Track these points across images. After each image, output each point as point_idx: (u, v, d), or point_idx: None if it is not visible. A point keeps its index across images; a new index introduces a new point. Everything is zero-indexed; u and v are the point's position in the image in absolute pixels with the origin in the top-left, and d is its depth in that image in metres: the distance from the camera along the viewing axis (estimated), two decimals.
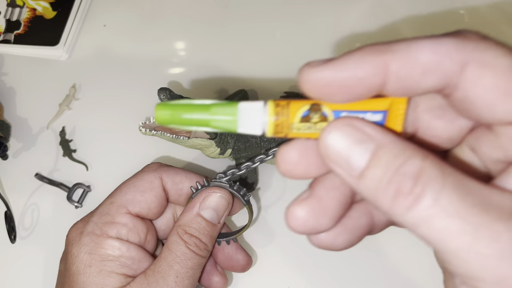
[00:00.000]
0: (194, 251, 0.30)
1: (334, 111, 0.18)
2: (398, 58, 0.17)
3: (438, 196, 0.15)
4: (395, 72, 0.17)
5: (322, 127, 0.18)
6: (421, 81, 0.17)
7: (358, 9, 0.53)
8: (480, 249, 0.14)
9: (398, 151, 0.16)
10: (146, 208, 0.32)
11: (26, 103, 0.50)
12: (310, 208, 0.20)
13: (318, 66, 0.18)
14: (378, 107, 0.18)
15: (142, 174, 0.33)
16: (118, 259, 0.29)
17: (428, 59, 0.16)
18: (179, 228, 0.30)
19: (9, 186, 0.45)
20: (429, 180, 0.15)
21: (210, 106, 0.19)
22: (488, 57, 0.16)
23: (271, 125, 0.19)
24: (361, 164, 0.17)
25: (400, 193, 0.16)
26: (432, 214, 0.15)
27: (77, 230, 0.31)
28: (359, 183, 0.17)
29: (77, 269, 0.29)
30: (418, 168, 0.16)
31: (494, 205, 0.15)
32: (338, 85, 0.17)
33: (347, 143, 0.17)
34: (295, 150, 0.20)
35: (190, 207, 0.31)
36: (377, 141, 0.17)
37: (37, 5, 0.55)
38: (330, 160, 0.18)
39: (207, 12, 0.54)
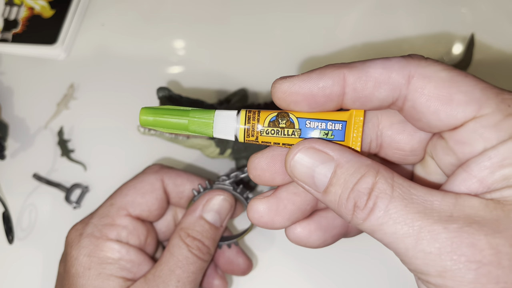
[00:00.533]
0: (196, 255, 0.29)
1: (299, 118, 0.21)
2: (354, 72, 0.20)
3: (387, 207, 0.18)
4: (351, 83, 0.20)
5: (290, 132, 0.21)
6: (375, 92, 0.20)
7: (359, 8, 0.53)
8: (423, 248, 0.17)
9: (354, 170, 0.19)
10: (146, 210, 0.31)
11: (23, 102, 0.49)
12: (269, 205, 0.23)
13: (287, 79, 0.21)
14: (339, 118, 0.21)
15: (143, 176, 0.32)
16: (118, 262, 0.29)
17: (379, 73, 0.20)
18: (181, 231, 0.30)
19: (7, 186, 0.45)
20: (380, 194, 0.18)
21: (189, 111, 0.21)
22: (429, 71, 0.19)
23: (242, 131, 0.21)
24: (324, 182, 0.20)
25: (357, 207, 0.19)
26: (383, 223, 0.18)
27: (77, 231, 0.31)
28: (324, 198, 0.20)
29: (76, 271, 0.29)
30: (371, 185, 0.19)
31: (434, 210, 0.18)
32: (303, 94, 0.20)
33: (310, 164, 0.20)
34: (264, 159, 0.23)
35: (193, 209, 0.31)
36: (336, 161, 0.20)
37: (35, 3, 0.55)
38: (297, 180, 0.21)
39: (206, 11, 0.54)
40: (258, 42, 0.51)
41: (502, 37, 0.49)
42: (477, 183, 0.18)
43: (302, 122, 0.21)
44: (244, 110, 0.22)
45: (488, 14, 0.51)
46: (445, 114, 0.19)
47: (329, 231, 0.25)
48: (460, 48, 0.49)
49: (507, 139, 0.18)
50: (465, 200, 0.18)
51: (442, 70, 0.19)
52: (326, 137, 0.21)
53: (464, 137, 0.19)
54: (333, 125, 0.21)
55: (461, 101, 0.19)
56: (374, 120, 0.23)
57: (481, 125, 0.18)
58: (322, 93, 0.20)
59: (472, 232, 0.17)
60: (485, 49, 0.48)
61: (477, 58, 0.47)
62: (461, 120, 0.19)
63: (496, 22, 0.50)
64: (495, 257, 0.16)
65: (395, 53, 0.49)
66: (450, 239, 0.17)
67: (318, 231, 0.25)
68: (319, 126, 0.21)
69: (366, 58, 0.53)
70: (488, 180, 0.18)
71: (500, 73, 0.47)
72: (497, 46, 0.49)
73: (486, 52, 0.48)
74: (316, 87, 0.20)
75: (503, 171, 0.18)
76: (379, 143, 0.23)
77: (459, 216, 0.17)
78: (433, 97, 0.19)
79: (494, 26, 0.50)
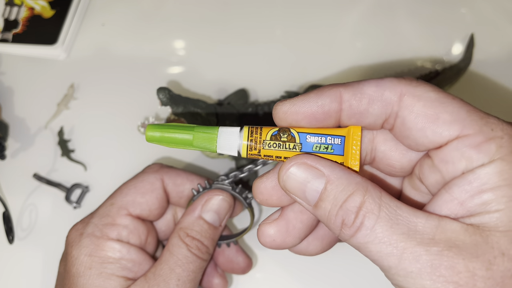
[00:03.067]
0: (196, 254, 0.29)
1: (300, 133, 0.22)
2: (349, 90, 0.21)
3: (373, 227, 0.19)
4: (347, 100, 0.21)
5: (291, 146, 0.22)
6: (369, 108, 0.21)
7: (359, 9, 0.53)
8: (405, 267, 0.18)
9: (343, 187, 0.20)
10: (147, 210, 0.31)
11: (24, 102, 0.49)
12: (279, 228, 0.24)
13: (287, 100, 0.22)
14: (338, 133, 0.22)
15: (143, 176, 0.32)
16: (119, 262, 0.29)
17: (373, 90, 0.21)
18: (180, 231, 0.30)
19: (7, 186, 0.45)
20: (367, 213, 0.19)
21: (194, 128, 0.22)
22: (419, 91, 0.20)
23: (245, 146, 0.22)
24: (315, 196, 0.21)
25: (344, 224, 0.20)
26: (369, 241, 0.19)
27: (77, 231, 0.31)
28: (315, 212, 0.21)
29: (77, 271, 0.29)
30: (359, 204, 0.20)
31: (418, 232, 0.19)
32: (303, 112, 0.22)
33: (303, 179, 0.21)
34: (269, 182, 0.24)
35: (192, 209, 0.31)
36: (327, 177, 0.21)
37: (35, 4, 0.55)
38: (290, 193, 0.22)
39: (206, 11, 0.54)
40: (258, 42, 0.51)
41: (501, 37, 0.49)
42: (458, 205, 0.19)
43: (303, 137, 0.22)
44: (247, 127, 0.23)
45: (487, 14, 0.51)
46: (431, 131, 0.20)
47: (326, 239, 0.27)
48: (460, 48, 0.49)
49: (487, 162, 0.19)
50: (447, 223, 0.19)
51: (431, 91, 0.20)
52: (326, 151, 0.22)
53: (447, 155, 0.20)
54: (333, 139, 0.22)
55: (446, 120, 0.20)
56: (369, 136, 0.24)
57: (463, 144, 0.19)
58: (321, 110, 0.22)
59: (451, 256, 0.18)
60: (484, 49, 0.48)
61: (477, 58, 0.48)
62: (446, 139, 0.20)
63: (496, 22, 0.50)
64: (471, 279, 0.18)
65: (395, 53, 0.49)
66: (430, 261, 0.18)
67: (316, 241, 0.26)
68: (319, 140, 0.22)
69: (366, 58, 0.53)
70: (468, 204, 0.19)
71: (500, 73, 0.47)
72: (497, 46, 0.49)
73: (486, 52, 0.48)
74: (315, 105, 0.22)
75: (482, 197, 0.19)
76: (373, 156, 0.24)
77: (440, 239, 0.18)
78: (421, 115, 0.20)
79: (494, 26, 0.50)
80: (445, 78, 0.44)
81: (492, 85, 0.47)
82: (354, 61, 0.49)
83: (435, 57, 0.49)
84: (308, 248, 0.26)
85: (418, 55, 0.49)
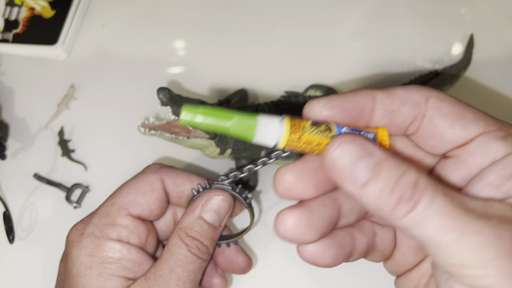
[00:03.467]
0: (196, 254, 0.30)
1: (337, 125, 0.23)
2: (382, 92, 0.23)
3: (432, 201, 0.19)
4: (380, 100, 0.23)
5: (329, 136, 0.22)
6: (400, 108, 0.23)
7: (358, 9, 0.53)
8: (467, 241, 0.18)
9: (395, 165, 0.20)
10: (147, 210, 0.31)
11: (24, 102, 0.50)
12: (301, 216, 0.23)
13: (324, 97, 0.23)
14: (370, 130, 0.23)
15: (143, 176, 0.32)
16: (119, 262, 0.29)
17: (403, 93, 0.23)
18: (180, 231, 0.30)
19: (8, 186, 0.45)
20: (424, 188, 0.19)
21: (233, 114, 0.21)
22: (442, 95, 0.23)
23: (286, 137, 0.22)
24: (364, 176, 0.20)
25: (401, 200, 0.19)
26: (428, 216, 0.19)
27: (77, 231, 0.31)
28: (361, 193, 0.20)
29: (77, 271, 0.29)
30: (415, 179, 0.20)
31: (471, 208, 0.19)
32: (339, 107, 0.23)
33: (351, 157, 0.20)
34: (291, 173, 0.23)
35: (192, 209, 0.31)
36: (378, 156, 0.20)
37: (36, 4, 0.55)
38: (335, 173, 0.21)
39: (206, 11, 0.54)
40: (258, 42, 0.51)
41: (501, 37, 0.49)
42: (495, 189, 0.20)
43: (339, 129, 0.22)
44: (288, 116, 0.22)
45: (487, 14, 0.51)
46: (460, 127, 0.22)
47: (341, 249, 0.25)
48: (460, 48, 0.49)
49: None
50: (493, 203, 0.20)
51: (450, 96, 0.23)
52: None
53: (475, 149, 0.22)
54: (366, 134, 0.23)
55: (471, 118, 0.22)
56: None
57: (489, 138, 0.21)
58: (356, 107, 0.23)
59: (510, 228, 0.19)
60: (484, 49, 0.48)
61: (477, 58, 0.48)
62: (473, 134, 0.22)
63: (496, 22, 0.50)
64: None
65: (395, 53, 0.49)
66: (492, 232, 0.18)
67: (333, 247, 0.25)
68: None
69: (366, 58, 0.53)
70: (505, 187, 0.20)
71: (500, 73, 0.47)
72: (497, 46, 0.49)
73: (486, 52, 0.48)
74: (351, 102, 0.23)
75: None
76: None
77: (493, 215, 0.19)
78: (449, 113, 0.22)
79: (494, 26, 0.50)
80: (444, 78, 0.44)
81: (491, 85, 0.47)
82: (354, 61, 0.49)
83: (434, 57, 0.49)
84: (324, 254, 0.25)
85: (417, 54, 0.49)
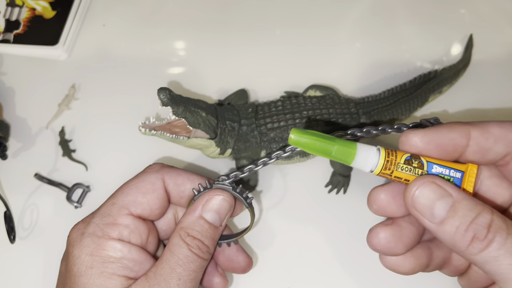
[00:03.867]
0: (196, 254, 0.30)
1: (428, 162, 0.25)
2: (477, 128, 0.25)
3: (505, 241, 0.21)
4: (475, 137, 0.24)
5: (419, 172, 0.25)
6: (494, 146, 0.25)
7: (358, 9, 0.53)
8: None
9: (471, 206, 0.23)
10: (148, 209, 0.31)
11: (25, 103, 0.50)
12: (391, 232, 0.27)
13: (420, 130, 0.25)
14: (459, 168, 0.25)
15: (144, 175, 0.33)
16: (120, 261, 0.29)
17: (498, 131, 0.25)
18: (181, 231, 0.30)
19: (9, 186, 0.45)
20: (497, 229, 0.22)
21: (335, 140, 0.25)
22: None
23: (381, 165, 0.25)
24: (441, 214, 0.23)
25: (475, 239, 0.22)
26: (500, 254, 0.21)
27: (78, 231, 0.31)
28: (438, 229, 0.23)
29: (78, 270, 0.29)
30: (489, 220, 0.22)
31: None
32: (435, 143, 0.25)
33: (431, 197, 0.24)
34: (385, 194, 0.27)
35: (193, 209, 0.31)
36: (455, 197, 0.23)
37: (37, 4, 0.55)
38: (416, 210, 0.24)
39: (206, 12, 0.54)
40: (258, 43, 0.51)
41: (500, 38, 0.49)
42: None
43: (430, 166, 0.25)
44: (384, 148, 0.25)
45: (486, 15, 0.51)
46: None
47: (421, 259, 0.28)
48: (459, 48, 0.49)
49: None
50: None
51: None
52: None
53: None
54: (455, 173, 0.25)
55: None
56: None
57: None
58: (451, 143, 0.25)
59: None
60: (483, 49, 0.48)
61: (476, 59, 0.48)
62: None
63: (495, 23, 0.50)
64: None
65: (394, 53, 0.50)
66: None
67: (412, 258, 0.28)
68: (443, 172, 0.25)
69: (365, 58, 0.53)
70: None
71: (498, 73, 0.47)
72: (496, 47, 0.49)
73: (485, 52, 0.48)
74: (446, 138, 0.25)
75: None
76: (478, 188, 0.27)
77: None
78: None
79: (493, 27, 0.50)
80: (444, 78, 0.44)
81: (490, 86, 0.47)
82: (353, 61, 0.49)
83: (434, 57, 0.49)
84: (403, 264, 0.28)
85: (417, 55, 0.49)
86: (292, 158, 0.42)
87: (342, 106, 0.42)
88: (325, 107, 0.41)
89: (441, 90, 0.45)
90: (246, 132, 0.41)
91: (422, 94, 0.43)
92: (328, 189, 0.42)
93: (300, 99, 0.42)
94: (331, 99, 0.42)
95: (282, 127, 0.40)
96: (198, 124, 0.38)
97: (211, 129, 0.39)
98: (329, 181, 0.43)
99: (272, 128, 0.41)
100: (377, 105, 0.43)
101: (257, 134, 0.41)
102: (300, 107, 0.41)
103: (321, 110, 0.41)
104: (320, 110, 0.41)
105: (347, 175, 0.42)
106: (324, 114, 0.41)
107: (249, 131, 0.41)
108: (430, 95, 0.44)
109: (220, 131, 0.39)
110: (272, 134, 0.41)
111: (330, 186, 0.42)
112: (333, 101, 0.42)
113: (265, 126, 0.41)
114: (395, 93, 0.44)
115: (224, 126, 0.40)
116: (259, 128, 0.41)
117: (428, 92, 0.44)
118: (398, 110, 0.43)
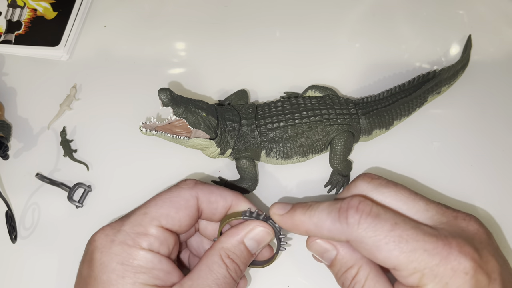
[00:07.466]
0: (232, 277, 0.31)
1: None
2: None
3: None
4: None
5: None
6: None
7: (357, 10, 0.54)
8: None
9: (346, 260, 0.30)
10: (177, 225, 0.32)
11: (26, 103, 0.50)
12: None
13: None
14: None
15: (179, 191, 0.33)
16: (151, 272, 0.29)
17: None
18: (221, 250, 0.31)
19: (10, 186, 0.45)
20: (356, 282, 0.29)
21: None
22: None
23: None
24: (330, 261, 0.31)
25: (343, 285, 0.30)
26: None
27: (107, 237, 0.30)
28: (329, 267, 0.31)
29: (108, 278, 0.29)
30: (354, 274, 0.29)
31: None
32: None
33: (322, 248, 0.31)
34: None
35: (236, 233, 0.32)
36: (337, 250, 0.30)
37: (38, 5, 0.56)
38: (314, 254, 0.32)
39: (207, 12, 0.54)
40: (258, 43, 0.52)
41: (499, 38, 0.50)
42: None
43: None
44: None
45: (485, 16, 0.51)
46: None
47: None
48: (458, 49, 0.49)
49: None
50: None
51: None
52: None
53: None
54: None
55: None
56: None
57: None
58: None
59: None
60: (482, 50, 0.49)
61: (474, 59, 0.48)
62: None
63: (493, 23, 0.51)
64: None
65: (393, 54, 0.50)
66: None
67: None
68: None
69: (365, 59, 0.53)
70: None
71: (497, 74, 0.48)
72: (494, 47, 0.49)
73: (483, 53, 0.49)
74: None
75: None
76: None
77: None
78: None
79: (491, 28, 0.50)
80: (443, 79, 0.45)
81: (489, 86, 0.47)
82: (352, 62, 0.50)
83: (433, 58, 0.49)
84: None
85: (416, 56, 0.49)
86: (292, 158, 0.42)
87: (341, 106, 0.42)
88: (324, 107, 0.42)
89: (440, 91, 0.46)
90: (246, 132, 0.41)
91: (421, 95, 0.44)
92: (328, 189, 0.43)
93: (299, 100, 0.42)
94: (330, 99, 0.43)
95: (282, 127, 0.41)
96: (198, 124, 0.38)
97: (211, 129, 0.39)
98: (328, 180, 0.43)
99: (272, 129, 0.41)
100: (376, 106, 0.43)
101: (257, 134, 0.41)
102: (299, 108, 0.41)
103: (320, 110, 0.41)
104: (319, 110, 0.41)
105: (346, 174, 0.43)
106: (323, 114, 0.41)
107: (249, 131, 0.41)
108: (429, 96, 0.45)
109: (220, 131, 0.40)
110: (272, 134, 0.41)
111: (330, 186, 0.43)
112: (332, 101, 0.42)
113: (265, 127, 0.41)
114: (394, 93, 0.44)
115: (225, 126, 0.40)
116: (259, 128, 0.41)
117: (427, 93, 0.44)
118: (397, 111, 0.43)
